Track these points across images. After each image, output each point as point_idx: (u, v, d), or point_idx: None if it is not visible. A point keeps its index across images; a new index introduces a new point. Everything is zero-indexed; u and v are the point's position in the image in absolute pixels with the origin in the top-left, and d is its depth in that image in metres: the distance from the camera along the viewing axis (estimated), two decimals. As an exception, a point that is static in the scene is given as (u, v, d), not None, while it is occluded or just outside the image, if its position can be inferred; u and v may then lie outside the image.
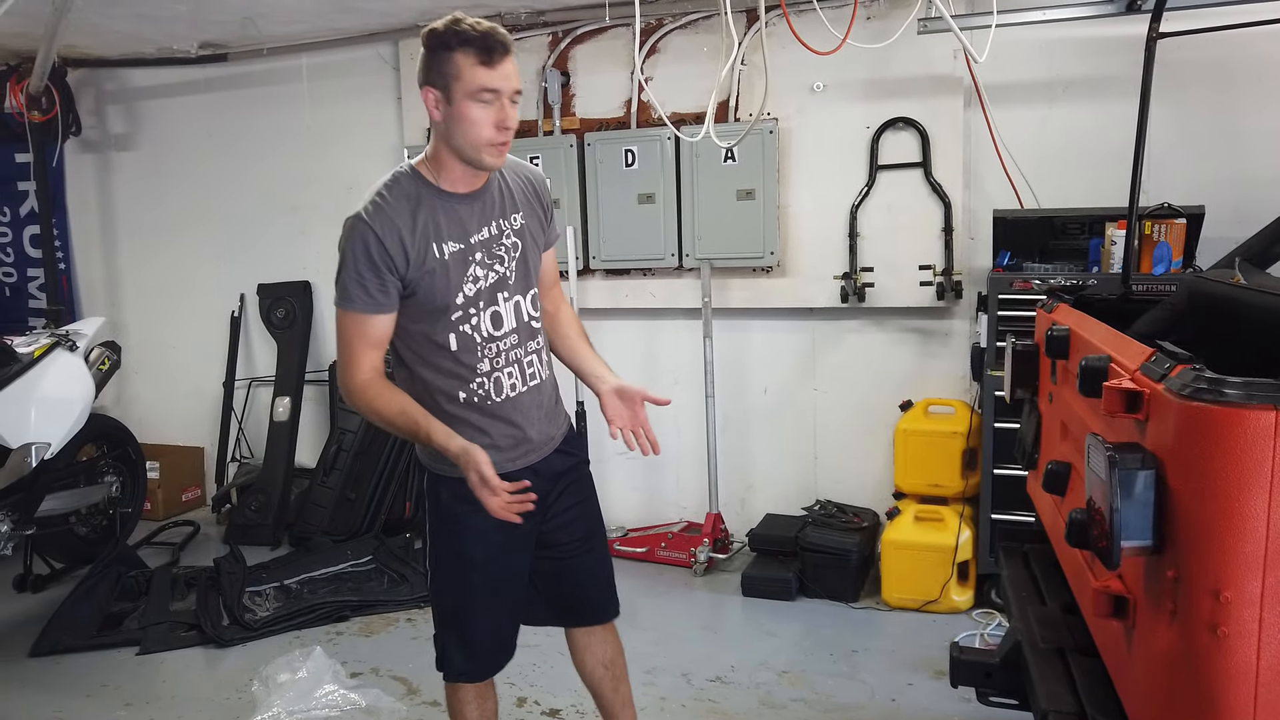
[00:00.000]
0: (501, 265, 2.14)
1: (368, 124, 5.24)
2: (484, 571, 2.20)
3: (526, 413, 2.20)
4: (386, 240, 1.98)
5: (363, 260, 1.98)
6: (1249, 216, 3.38)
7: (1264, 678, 1.20)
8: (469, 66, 1.93)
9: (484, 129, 1.97)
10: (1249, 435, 1.19)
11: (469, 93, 1.94)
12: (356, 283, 1.99)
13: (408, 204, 2.03)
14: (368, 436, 4.94)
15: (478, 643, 2.27)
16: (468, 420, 2.12)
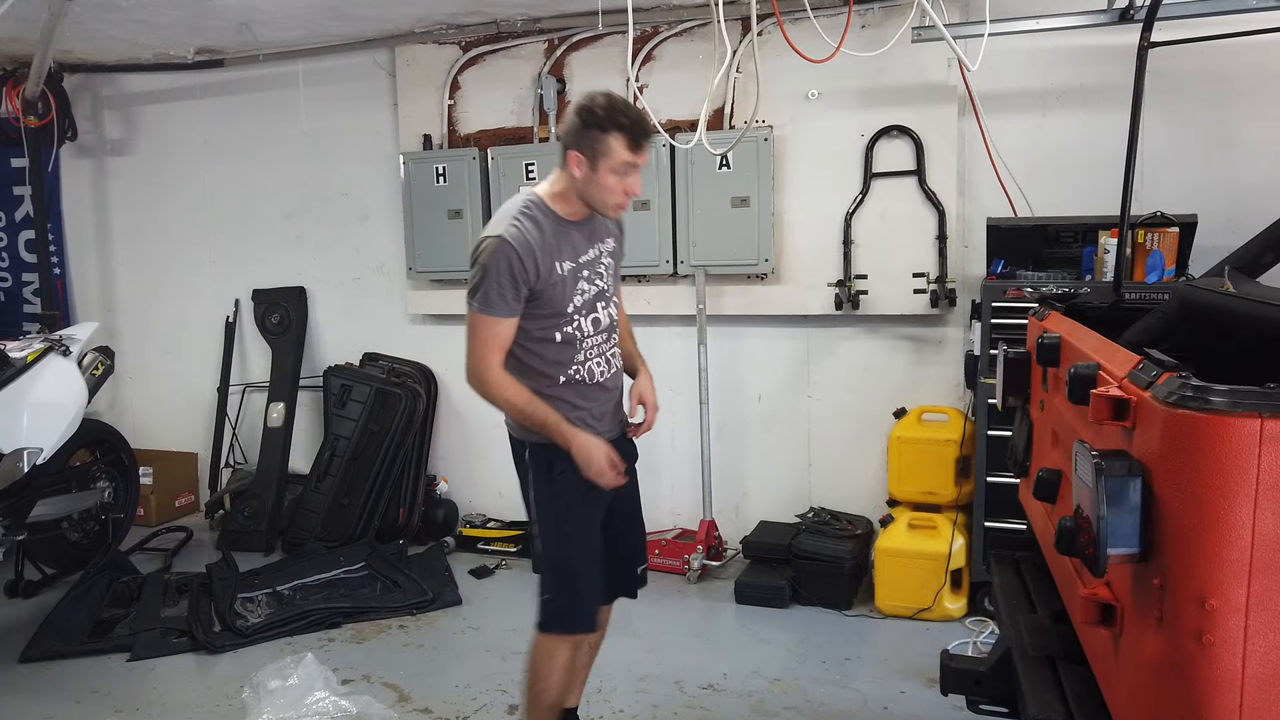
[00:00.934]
0: (600, 280, 2.58)
1: (364, 130, 5.25)
2: (590, 530, 2.58)
3: (610, 395, 2.65)
4: (525, 260, 2.38)
5: (505, 275, 2.36)
6: (1241, 225, 3.38)
7: (1249, 686, 1.20)
8: (620, 149, 2.35)
9: (617, 195, 2.43)
10: (1234, 443, 1.19)
11: (612, 168, 2.37)
12: (498, 293, 2.37)
13: (538, 230, 2.42)
14: (361, 442, 4.93)
15: (590, 592, 2.60)
16: (565, 398, 2.52)
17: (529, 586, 4.48)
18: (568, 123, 2.41)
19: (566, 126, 2.41)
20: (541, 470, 2.55)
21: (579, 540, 2.56)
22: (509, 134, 4.91)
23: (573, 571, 2.56)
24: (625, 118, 2.34)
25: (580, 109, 2.36)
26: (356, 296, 5.42)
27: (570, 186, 2.45)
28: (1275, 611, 1.18)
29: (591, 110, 2.34)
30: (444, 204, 4.90)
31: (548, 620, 2.59)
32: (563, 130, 2.44)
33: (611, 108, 2.34)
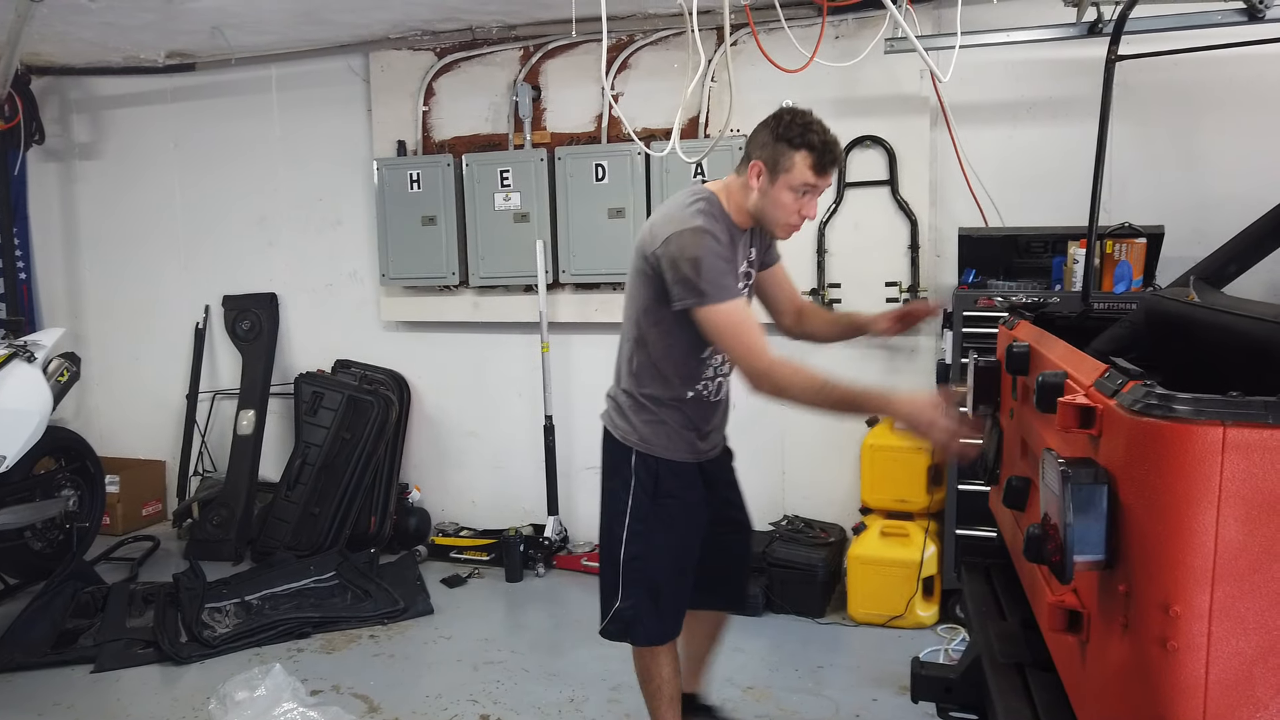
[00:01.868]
0: (749, 289, 2.55)
1: (337, 136, 5.22)
2: (685, 543, 2.55)
3: (723, 415, 2.66)
4: (722, 242, 2.33)
5: (719, 257, 2.28)
6: (1207, 237, 3.43)
7: (1213, 691, 1.21)
8: (804, 167, 2.30)
9: (790, 214, 2.37)
10: (1197, 450, 1.19)
11: (792, 185, 2.31)
12: (725, 275, 2.29)
13: (720, 224, 2.37)
14: (333, 450, 4.88)
15: (674, 607, 2.57)
16: (684, 411, 2.49)
17: (502, 596, 4.49)
18: (757, 132, 2.38)
19: (754, 136, 2.38)
20: (646, 481, 2.51)
21: (672, 556, 2.53)
22: (484, 140, 4.90)
23: (664, 591, 2.54)
24: (817, 137, 2.29)
25: (773, 120, 2.34)
26: (329, 303, 5.38)
27: (744, 195, 2.40)
28: (1238, 617, 1.19)
29: (784, 123, 2.31)
30: (418, 210, 4.88)
31: (626, 631, 2.57)
32: (749, 138, 2.41)
33: (807, 126, 2.30)
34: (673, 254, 2.28)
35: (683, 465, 2.54)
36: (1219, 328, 1.81)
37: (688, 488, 2.55)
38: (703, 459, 2.60)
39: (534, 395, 4.88)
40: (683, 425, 2.51)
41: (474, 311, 4.99)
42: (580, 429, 4.95)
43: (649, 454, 2.51)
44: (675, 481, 2.52)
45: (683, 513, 2.54)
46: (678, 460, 2.52)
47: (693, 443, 2.55)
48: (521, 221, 4.72)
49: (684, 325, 2.38)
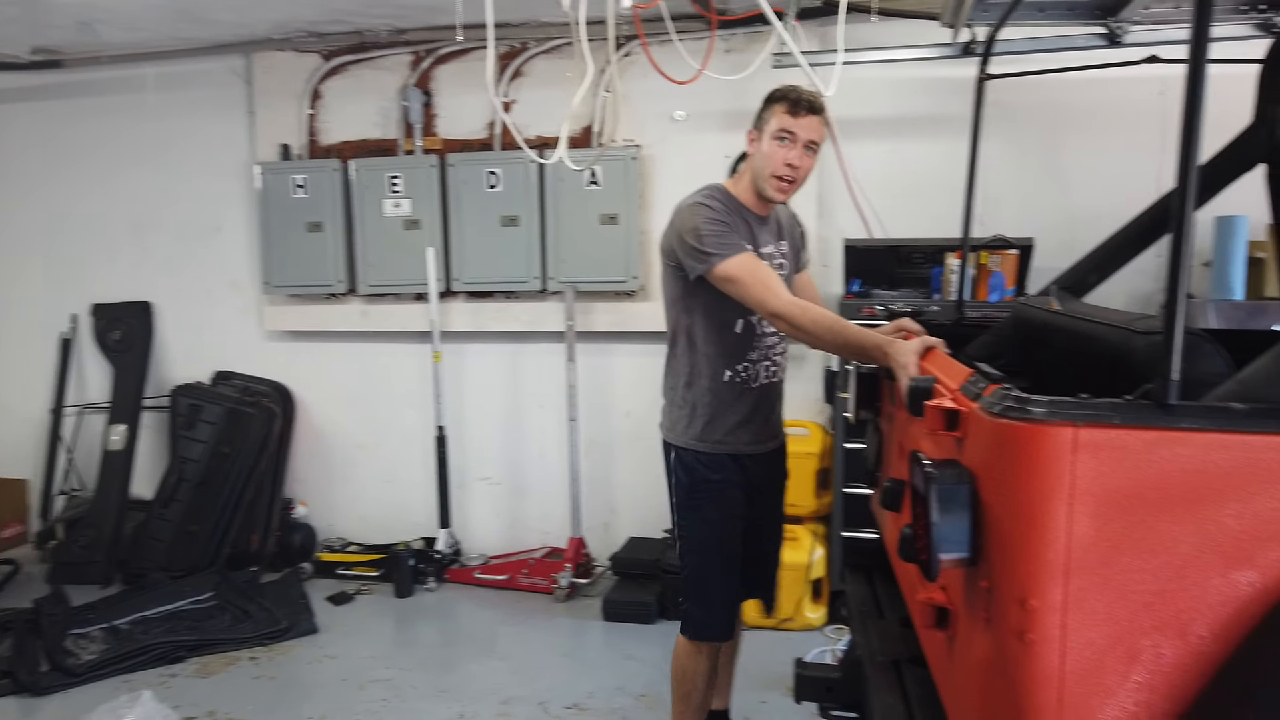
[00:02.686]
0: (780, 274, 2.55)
1: (217, 139, 5.02)
2: (729, 537, 2.57)
3: (772, 403, 2.64)
4: (722, 214, 2.43)
5: (718, 219, 2.40)
6: (1074, 248, 3.56)
7: (1068, 681, 1.26)
8: (779, 114, 2.48)
9: (776, 164, 2.47)
10: (1050, 450, 1.25)
11: (773, 133, 2.47)
12: (727, 232, 2.38)
13: (725, 207, 2.48)
14: (212, 465, 4.67)
15: (724, 602, 2.63)
16: (723, 397, 2.52)
17: (391, 612, 4.38)
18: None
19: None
20: (684, 479, 2.57)
21: (719, 552, 2.57)
22: (373, 146, 4.79)
23: (709, 582, 2.58)
24: (787, 90, 2.51)
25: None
26: (208, 312, 5.16)
27: (748, 173, 2.55)
28: (1089, 609, 1.24)
29: (766, 97, 2.55)
30: (303, 216, 4.73)
31: (685, 624, 2.63)
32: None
33: (782, 88, 2.53)
34: (677, 232, 2.44)
35: (716, 458, 2.55)
36: (1076, 333, 1.90)
37: (723, 482, 2.55)
38: (742, 451, 2.58)
39: (426, 406, 4.78)
40: (718, 413, 2.53)
41: (363, 320, 4.86)
42: (473, 439, 4.87)
43: (685, 448, 2.57)
44: (709, 474, 2.54)
45: (717, 507, 2.55)
46: (711, 452, 2.54)
47: (729, 433, 2.55)
48: (412, 228, 4.63)
49: (710, 302, 2.47)
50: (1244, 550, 1.22)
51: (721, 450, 2.55)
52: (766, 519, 2.74)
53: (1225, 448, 1.22)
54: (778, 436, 2.73)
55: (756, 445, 2.62)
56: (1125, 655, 1.25)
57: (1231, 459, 1.22)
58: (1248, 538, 1.22)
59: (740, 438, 2.56)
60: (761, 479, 2.66)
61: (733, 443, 2.56)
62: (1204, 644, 1.23)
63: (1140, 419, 1.24)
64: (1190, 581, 1.23)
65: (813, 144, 2.51)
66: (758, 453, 2.62)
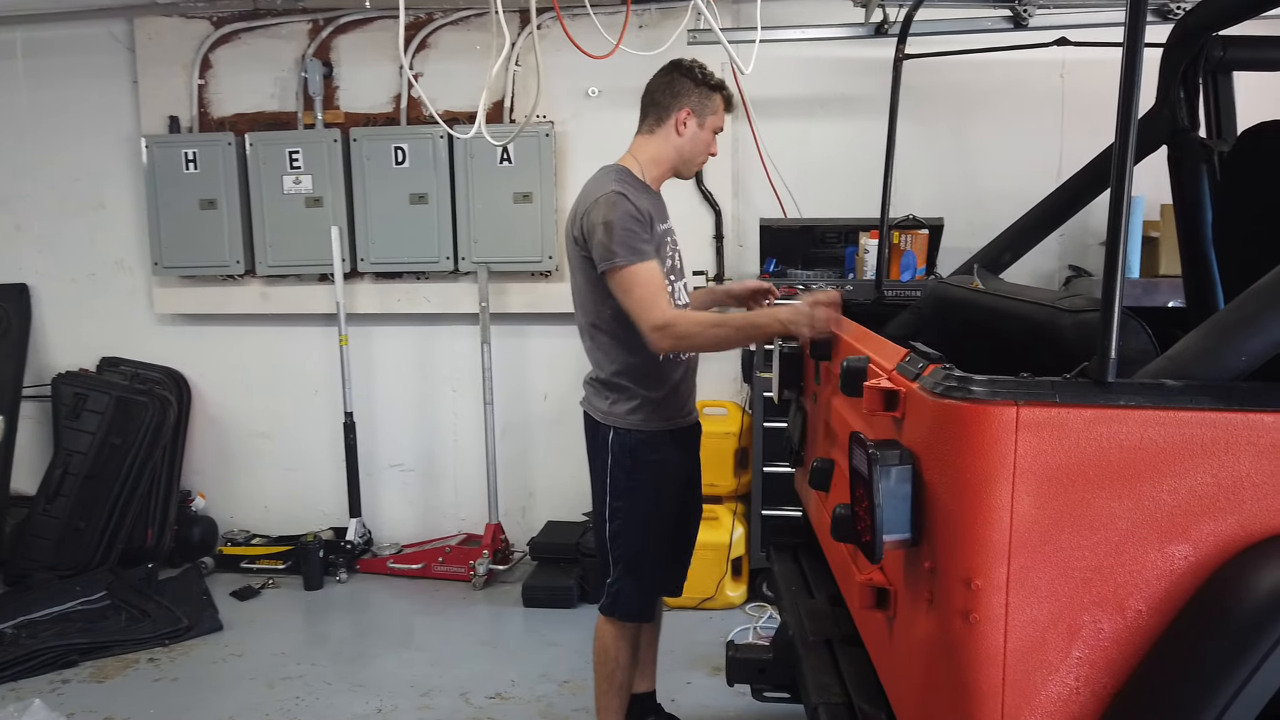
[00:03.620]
0: (677, 253, 2.64)
1: (98, 109, 4.70)
2: (668, 517, 2.57)
3: (690, 375, 2.65)
4: (638, 205, 2.38)
5: (634, 220, 2.36)
6: (981, 228, 3.70)
7: (1011, 659, 1.27)
8: (720, 110, 2.56)
9: (707, 154, 2.60)
10: (993, 429, 1.25)
11: (713, 127, 2.56)
12: (635, 236, 2.34)
13: (636, 189, 2.45)
14: (100, 457, 4.39)
15: (655, 582, 2.62)
16: (662, 374, 2.49)
17: (300, 605, 4.22)
18: (669, 84, 2.51)
19: (668, 88, 2.50)
20: (623, 458, 2.52)
21: (657, 532, 2.56)
22: (270, 118, 4.56)
23: (644, 563, 2.56)
24: (723, 83, 2.56)
25: (684, 69, 2.51)
26: (92, 295, 4.84)
27: (663, 149, 2.53)
28: (1032, 588, 1.25)
29: (698, 72, 2.51)
30: (195, 193, 4.48)
31: (613, 605, 2.58)
32: (658, 91, 2.52)
33: (710, 71, 2.54)
34: (592, 222, 2.38)
35: (657, 435, 2.51)
36: (1000, 312, 1.93)
37: (663, 459, 2.53)
38: (678, 424, 2.57)
39: (332, 391, 4.60)
40: (655, 392, 2.49)
41: (262, 303, 4.65)
42: (384, 425, 4.73)
43: (626, 429, 2.51)
44: (650, 455, 2.51)
45: (656, 487, 2.53)
46: (651, 430, 2.50)
47: (666, 409, 2.53)
48: (314, 206, 4.43)
49: None
50: (1178, 525, 1.24)
51: (663, 428, 2.53)
52: (693, 499, 2.73)
53: (1161, 424, 1.24)
54: (695, 409, 2.73)
55: (686, 417, 2.62)
56: (1066, 631, 1.26)
57: (1166, 435, 1.24)
58: (1182, 512, 1.24)
59: (677, 410, 2.57)
60: (693, 450, 2.67)
61: (671, 417, 2.55)
62: (1141, 618, 1.25)
63: (1079, 397, 1.26)
64: (1128, 557, 1.25)
65: None
66: (687, 424, 2.62)
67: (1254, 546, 1.24)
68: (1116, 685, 1.26)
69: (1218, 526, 1.24)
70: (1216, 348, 1.32)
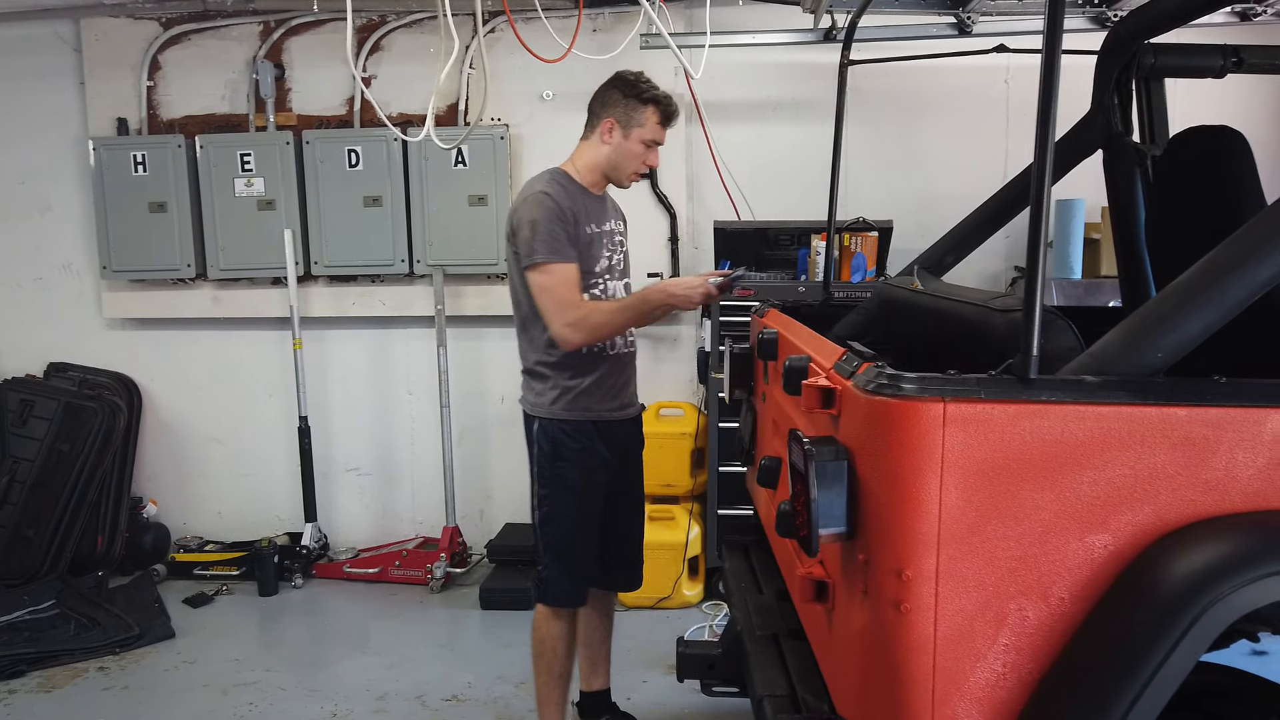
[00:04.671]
0: (617, 253, 2.70)
1: (43, 111, 4.63)
2: (590, 504, 2.61)
3: (629, 371, 2.72)
4: (562, 205, 2.47)
5: (555, 220, 2.45)
6: (930, 230, 3.74)
7: (941, 647, 1.31)
8: (653, 121, 2.57)
9: (639, 163, 2.61)
10: (921, 425, 1.29)
11: (644, 139, 2.57)
12: (554, 238, 2.44)
13: (567, 189, 2.55)
14: (48, 465, 4.32)
15: (581, 568, 2.65)
16: (582, 366, 2.56)
17: (255, 611, 4.18)
18: (602, 93, 2.60)
19: (600, 97, 2.60)
20: (546, 448, 2.59)
21: (579, 519, 2.60)
22: (220, 121, 4.52)
23: (569, 549, 2.61)
24: (661, 93, 2.58)
25: (619, 81, 2.57)
26: (38, 299, 4.76)
27: (594, 156, 2.61)
28: (960, 577, 1.30)
29: (630, 83, 2.56)
30: (145, 196, 4.42)
31: (543, 591, 2.66)
32: (594, 100, 2.62)
33: (649, 83, 2.58)
34: (519, 220, 2.49)
35: (579, 425, 2.57)
36: (938, 312, 1.98)
37: (584, 449, 2.58)
38: (602, 417, 2.61)
39: (287, 395, 4.57)
40: (576, 382, 2.56)
41: (214, 307, 4.60)
42: (340, 429, 4.70)
43: (546, 418, 2.58)
44: (570, 443, 2.56)
45: (579, 475, 2.58)
46: (572, 419, 2.56)
47: (588, 399, 2.57)
48: (266, 209, 4.39)
49: None
50: (1098, 515, 1.29)
51: (584, 418, 2.59)
52: (628, 492, 2.78)
53: (1080, 419, 1.29)
54: (634, 405, 2.78)
55: (617, 411, 2.67)
56: (993, 619, 1.31)
57: (1086, 429, 1.29)
58: (1101, 503, 1.29)
59: (601, 404, 2.61)
60: (623, 446, 2.71)
61: (595, 409, 2.60)
62: (1064, 605, 1.30)
63: (1003, 393, 1.30)
64: (1051, 546, 1.30)
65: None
66: (618, 418, 2.67)
67: (1169, 535, 1.29)
68: (1042, 671, 1.31)
69: (1135, 516, 1.29)
70: (1135, 344, 1.37)
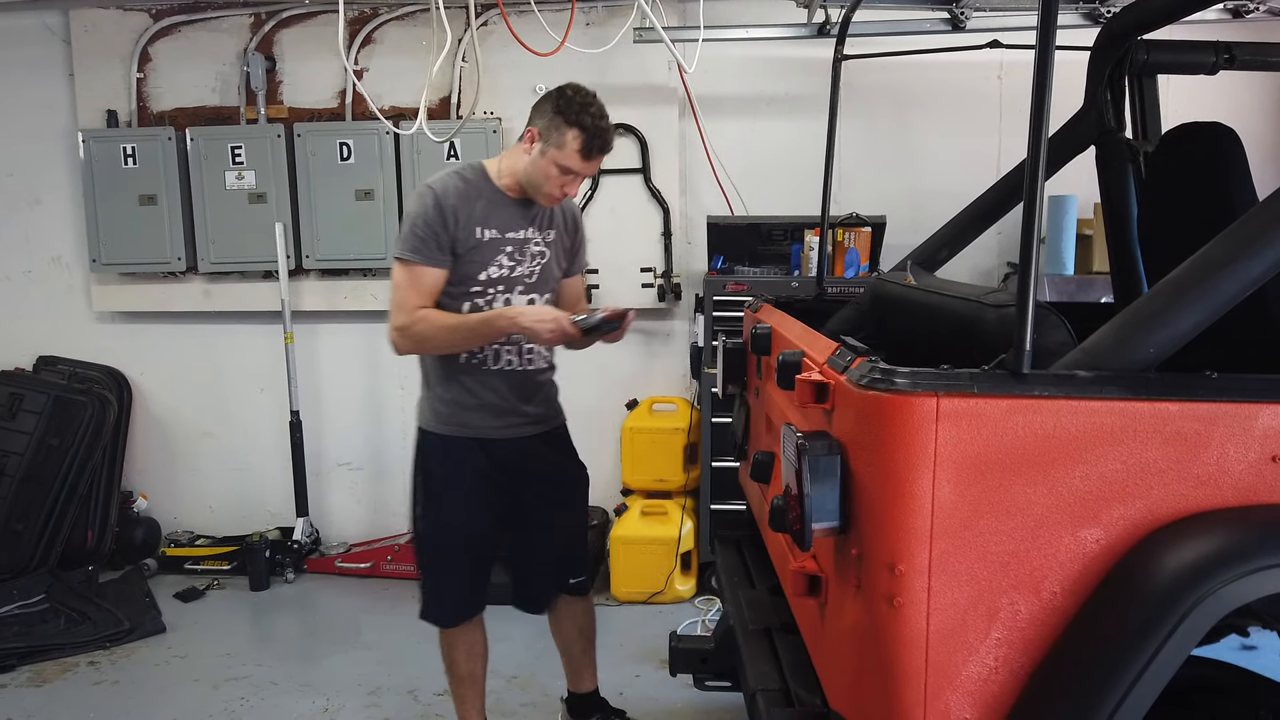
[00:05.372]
0: (527, 264, 2.46)
1: (31, 103, 4.59)
2: (448, 528, 2.48)
3: (520, 389, 2.49)
4: (445, 206, 2.32)
5: (424, 219, 2.31)
6: (923, 226, 3.74)
7: (934, 641, 1.31)
8: (573, 149, 2.30)
9: (552, 187, 2.37)
10: (915, 419, 1.29)
11: (558, 162, 2.32)
12: (419, 237, 2.30)
13: (467, 187, 2.38)
14: (37, 458, 4.30)
15: (446, 590, 2.56)
16: (461, 381, 2.42)
17: (246, 606, 4.18)
18: (541, 102, 2.38)
19: (539, 105, 2.38)
20: (419, 460, 2.49)
21: (440, 537, 2.50)
22: (211, 113, 4.49)
23: (434, 572, 2.54)
24: (591, 120, 2.30)
25: (557, 93, 2.35)
26: (27, 292, 4.73)
27: (514, 162, 2.41)
28: (952, 571, 1.30)
29: (566, 98, 2.33)
30: (135, 188, 4.39)
31: (422, 608, 2.60)
32: (535, 107, 2.40)
33: (584, 106, 2.31)
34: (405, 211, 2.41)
35: (455, 442, 2.44)
36: (931, 307, 1.98)
37: (456, 465, 2.44)
38: (484, 435, 2.45)
39: (278, 390, 4.55)
40: (455, 394, 2.42)
41: (205, 300, 4.58)
42: (331, 423, 4.69)
43: (426, 431, 2.48)
44: (439, 459, 2.45)
45: (448, 497, 2.45)
46: (448, 435, 2.44)
47: (462, 414, 2.42)
48: (258, 202, 4.37)
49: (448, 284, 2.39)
50: (1090, 509, 1.30)
51: (460, 434, 2.44)
52: (537, 510, 2.59)
53: (1073, 413, 1.29)
54: (542, 422, 2.56)
55: (504, 430, 2.47)
56: (985, 614, 1.31)
57: (1079, 424, 1.29)
58: (1093, 497, 1.30)
59: (482, 421, 2.44)
60: (516, 466, 2.51)
61: (475, 425, 2.44)
62: (1056, 599, 1.30)
63: (996, 388, 1.31)
64: (1043, 541, 1.30)
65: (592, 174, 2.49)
66: (505, 437, 2.47)
67: (1161, 530, 1.30)
68: (1033, 664, 1.31)
69: (1127, 511, 1.30)
70: (1127, 340, 1.38)
